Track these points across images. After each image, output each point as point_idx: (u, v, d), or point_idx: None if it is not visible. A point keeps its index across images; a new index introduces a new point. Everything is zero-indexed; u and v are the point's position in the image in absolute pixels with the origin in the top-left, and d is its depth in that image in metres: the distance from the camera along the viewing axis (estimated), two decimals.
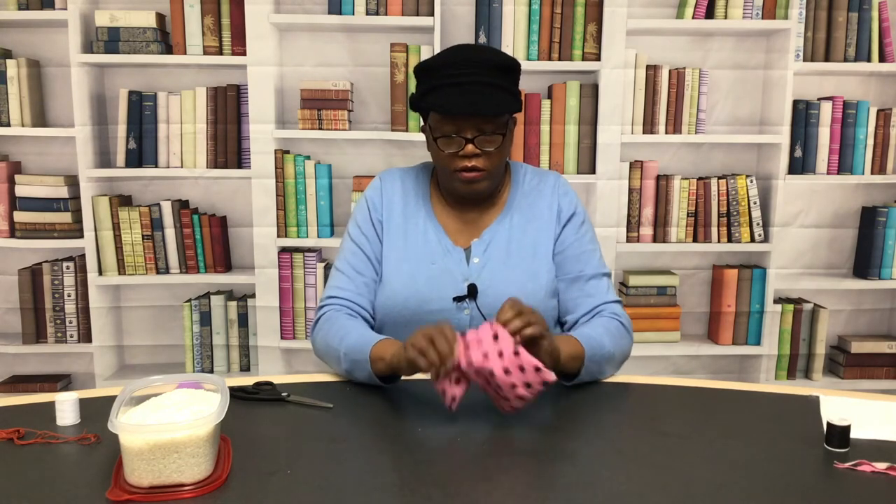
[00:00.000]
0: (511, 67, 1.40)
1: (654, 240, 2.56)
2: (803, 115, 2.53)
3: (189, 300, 2.58)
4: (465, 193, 1.45)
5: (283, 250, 2.52)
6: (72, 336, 2.54)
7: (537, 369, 1.08)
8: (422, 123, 1.48)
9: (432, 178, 1.54)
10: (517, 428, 1.13)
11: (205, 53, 2.42)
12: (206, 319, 2.56)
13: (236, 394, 1.23)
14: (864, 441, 1.07)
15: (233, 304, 2.56)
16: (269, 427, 1.14)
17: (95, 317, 2.51)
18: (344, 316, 1.42)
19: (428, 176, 1.55)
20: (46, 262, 2.53)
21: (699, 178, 2.56)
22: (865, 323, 2.80)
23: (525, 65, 2.44)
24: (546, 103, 2.49)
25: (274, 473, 0.97)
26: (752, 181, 2.53)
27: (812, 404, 1.23)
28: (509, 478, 1.00)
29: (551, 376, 1.09)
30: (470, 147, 1.37)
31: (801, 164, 2.55)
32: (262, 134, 2.43)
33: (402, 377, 1.29)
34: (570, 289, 1.45)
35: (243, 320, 2.57)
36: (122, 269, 2.50)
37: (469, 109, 1.34)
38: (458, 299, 1.40)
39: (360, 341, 1.32)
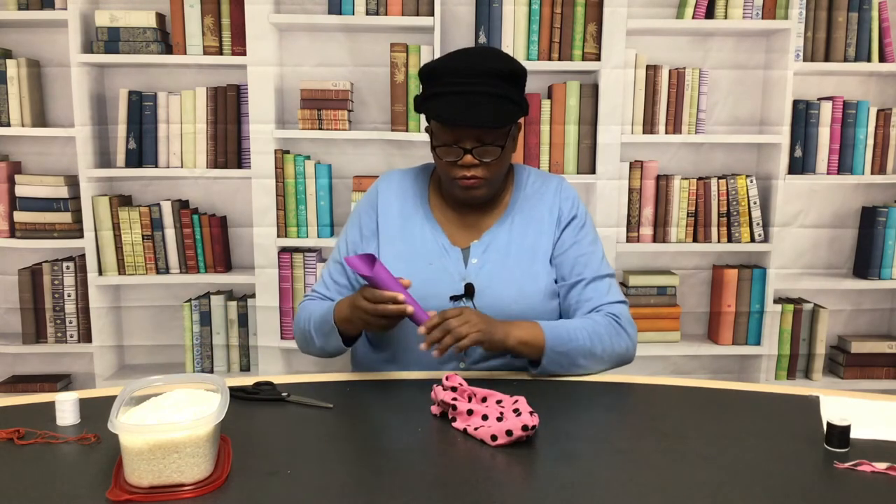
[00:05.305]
0: (518, 74, 1.39)
1: (654, 240, 2.56)
2: (803, 115, 2.52)
3: (189, 300, 2.57)
4: (465, 199, 1.45)
5: (283, 250, 2.52)
6: (72, 336, 2.54)
7: (524, 427, 1.06)
8: (425, 124, 1.47)
9: (432, 179, 1.54)
10: None
11: (205, 53, 2.42)
12: (206, 319, 2.56)
13: (236, 394, 1.23)
14: (864, 441, 1.07)
15: (233, 304, 2.56)
16: (269, 427, 1.14)
17: (95, 317, 2.51)
18: (315, 303, 1.49)
19: (427, 177, 1.55)
20: (46, 262, 2.53)
21: (699, 178, 2.56)
22: (865, 323, 2.80)
23: (525, 65, 2.43)
24: (546, 103, 2.49)
25: (274, 473, 0.97)
26: (752, 181, 2.53)
27: (812, 404, 1.23)
28: (509, 478, 1.00)
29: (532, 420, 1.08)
30: (468, 158, 1.36)
31: (801, 164, 2.54)
32: (262, 134, 2.43)
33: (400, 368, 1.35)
34: (570, 294, 1.44)
35: (243, 320, 2.57)
36: (122, 269, 2.50)
37: (470, 122, 1.32)
38: (455, 298, 1.40)
39: (322, 314, 1.40)
